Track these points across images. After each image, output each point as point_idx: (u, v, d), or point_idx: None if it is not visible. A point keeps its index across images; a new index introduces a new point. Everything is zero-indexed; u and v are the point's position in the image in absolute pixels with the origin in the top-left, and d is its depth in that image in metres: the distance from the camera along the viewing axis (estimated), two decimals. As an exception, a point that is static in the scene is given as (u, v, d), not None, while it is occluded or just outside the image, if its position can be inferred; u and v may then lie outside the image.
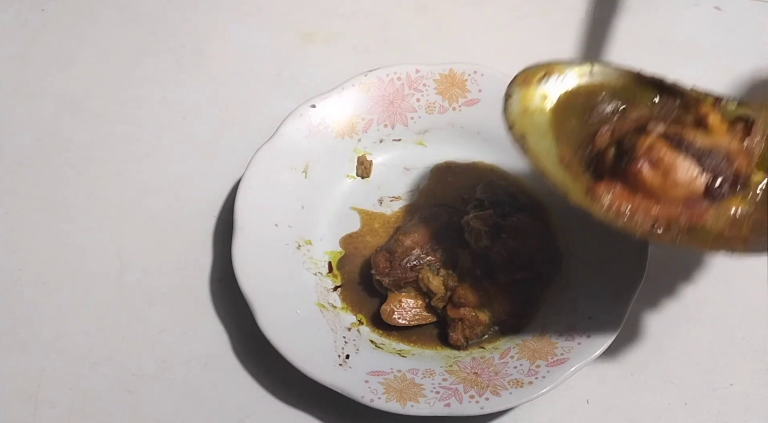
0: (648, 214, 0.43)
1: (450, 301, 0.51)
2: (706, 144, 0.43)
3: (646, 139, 0.43)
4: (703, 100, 0.47)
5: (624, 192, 0.43)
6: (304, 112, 0.57)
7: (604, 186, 0.44)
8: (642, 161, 0.43)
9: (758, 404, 0.51)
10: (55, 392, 0.52)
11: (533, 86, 0.49)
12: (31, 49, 0.67)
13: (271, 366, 0.51)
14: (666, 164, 0.42)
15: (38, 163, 0.61)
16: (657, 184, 0.42)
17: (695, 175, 0.42)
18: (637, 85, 0.49)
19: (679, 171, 0.42)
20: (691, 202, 0.42)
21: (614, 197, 0.43)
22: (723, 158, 0.43)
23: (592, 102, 0.48)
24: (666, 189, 0.42)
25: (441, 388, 0.48)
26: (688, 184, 0.42)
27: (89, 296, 0.56)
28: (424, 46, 0.67)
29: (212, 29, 0.68)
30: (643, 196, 0.43)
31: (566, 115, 0.49)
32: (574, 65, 0.50)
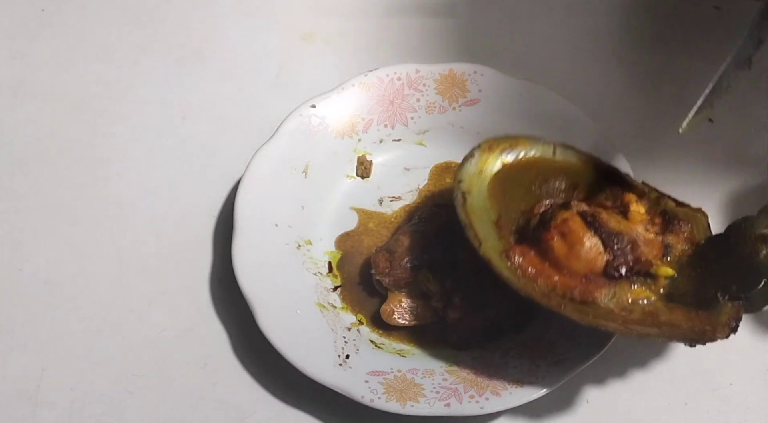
0: (548, 281, 0.46)
1: (450, 301, 0.51)
2: (616, 228, 0.46)
3: (564, 213, 0.47)
4: (641, 194, 0.50)
5: (534, 258, 0.46)
6: (304, 112, 0.57)
7: (521, 249, 0.47)
8: (554, 231, 0.46)
9: (758, 404, 0.51)
10: (55, 392, 0.52)
11: (495, 153, 0.52)
12: (31, 49, 0.67)
13: (271, 366, 0.51)
14: (573, 238, 0.46)
15: (38, 163, 0.61)
16: (562, 255, 0.46)
17: (598, 253, 0.45)
18: (596, 172, 0.52)
19: (584, 246, 0.45)
20: (589, 278, 0.45)
21: (525, 260, 0.46)
22: (628, 243, 0.46)
23: (545, 176, 0.52)
24: (569, 261, 0.46)
25: (441, 388, 0.49)
26: (589, 260, 0.45)
27: (89, 296, 0.56)
28: (425, 46, 0.67)
29: (212, 29, 0.68)
30: (549, 264, 0.46)
31: (516, 182, 0.52)
32: (538, 144, 0.53)
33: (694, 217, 0.49)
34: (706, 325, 0.44)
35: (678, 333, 0.44)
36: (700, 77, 0.65)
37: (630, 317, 0.45)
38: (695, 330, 0.44)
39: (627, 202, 0.49)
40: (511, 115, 0.58)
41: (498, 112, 0.59)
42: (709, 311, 0.44)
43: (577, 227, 0.46)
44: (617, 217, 0.48)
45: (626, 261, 0.46)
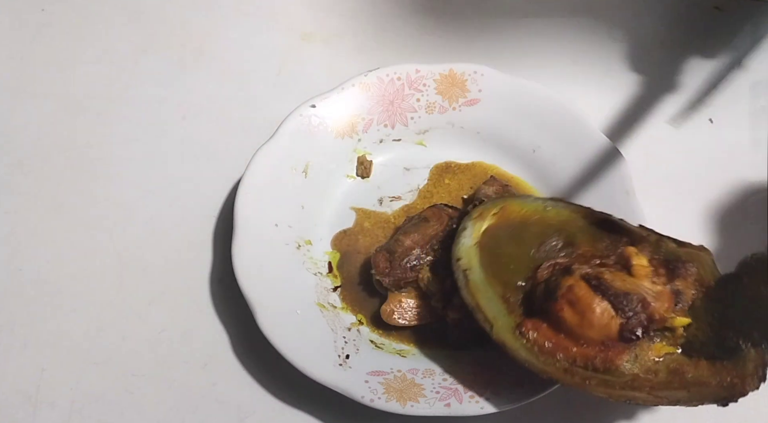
0: (567, 353, 0.44)
1: (450, 301, 0.51)
2: (623, 287, 0.44)
3: (569, 280, 0.45)
4: (642, 241, 0.48)
5: (548, 330, 0.45)
6: (304, 112, 0.57)
7: (532, 323, 0.45)
8: (562, 301, 0.44)
9: (758, 404, 0.51)
10: (55, 392, 0.52)
11: (487, 221, 0.50)
12: (31, 49, 0.67)
13: (271, 366, 0.51)
14: (582, 305, 0.44)
15: (38, 163, 0.61)
16: (575, 325, 0.44)
17: (610, 317, 0.43)
18: (589, 222, 0.50)
19: (595, 313, 0.43)
20: (608, 344, 0.44)
21: (539, 335, 0.45)
22: (638, 302, 0.44)
23: (540, 237, 0.49)
24: (583, 330, 0.44)
25: (441, 388, 0.49)
26: (603, 326, 0.43)
27: (89, 296, 0.56)
28: (424, 46, 0.67)
29: (212, 29, 0.68)
30: (565, 335, 0.44)
31: (512, 245, 0.50)
32: (528, 203, 0.51)
33: (698, 257, 0.46)
34: (733, 377, 0.42)
35: (707, 392, 0.42)
36: (700, 77, 0.65)
37: (656, 381, 0.43)
38: (724, 385, 0.42)
39: (628, 257, 0.46)
40: (511, 115, 0.58)
41: (498, 112, 0.59)
42: (734, 360, 0.43)
43: (584, 293, 0.44)
44: (621, 274, 0.45)
45: (640, 321, 0.44)
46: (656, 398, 0.43)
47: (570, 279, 0.45)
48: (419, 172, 0.59)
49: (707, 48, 0.66)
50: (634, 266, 0.46)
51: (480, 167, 0.59)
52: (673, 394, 0.43)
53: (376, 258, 0.53)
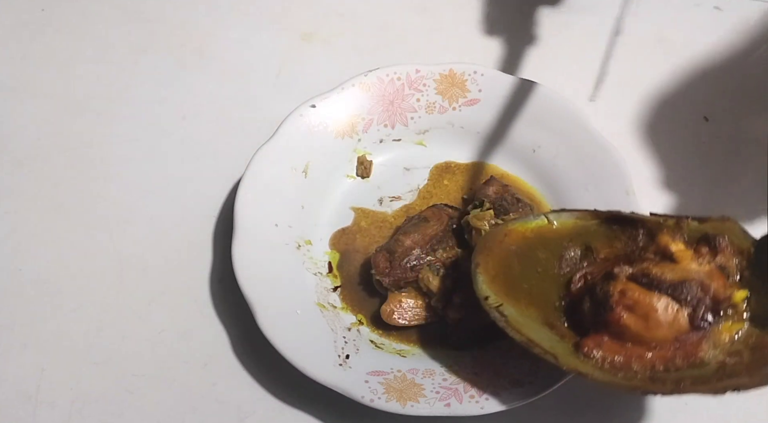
0: (643, 361, 0.41)
1: (450, 301, 0.51)
2: (676, 277, 0.42)
3: (617, 285, 0.43)
4: (662, 228, 0.45)
5: (612, 343, 0.42)
6: (304, 112, 0.57)
7: (592, 340, 0.43)
8: (619, 309, 0.42)
9: (758, 404, 0.51)
10: (55, 392, 0.52)
11: (496, 251, 0.48)
12: (31, 49, 0.67)
13: (271, 366, 0.51)
14: (643, 307, 0.41)
15: (38, 163, 0.61)
16: (641, 329, 0.41)
17: (675, 310, 0.41)
18: (599, 223, 0.48)
19: (659, 311, 0.41)
20: (682, 339, 0.41)
21: (605, 350, 0.42)
22: (697, 287, 0.41)
23: (557, 251, 0.47)
24: (651, 331, 0.41)
25: (441, 388, 0.48)
26: (671, 322, 0.41)
27: (89, 296, 0.56)
28: (424, 46, 0.67)
29: (212, 29, 0.68)
30: (632, 343, 0.42)
31: (530, 268, 0.47)
32: (531, 222, 0.49)
33: (725, 227, 0.44)
34: None
35: None
36: (700, 76, 0.65)
37: (746, 361, 0.41)
38: None
39: (665, 245, 0.44)
40: (511, 115, 0.58)
41: (498, 112, 0.59)
42: None
43: (639, 295, 0.42)
44: (666, 265, 0.43)
45: (707, 306, 0.42)
46: (762, 379, 0.39)
47: (618, 284, 0.43)
48: (419, 172, 0.59)
49: (707, 48, 0.66)
50: (675, 253, 0.43)
51: (480, 167, 0.59)
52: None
53: (376, 258, 0.53)
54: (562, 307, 0.46)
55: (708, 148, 0.61)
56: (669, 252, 0.44)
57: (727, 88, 0.64)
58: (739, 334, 0.42)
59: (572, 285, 0.46)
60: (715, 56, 0.66)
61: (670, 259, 0.43)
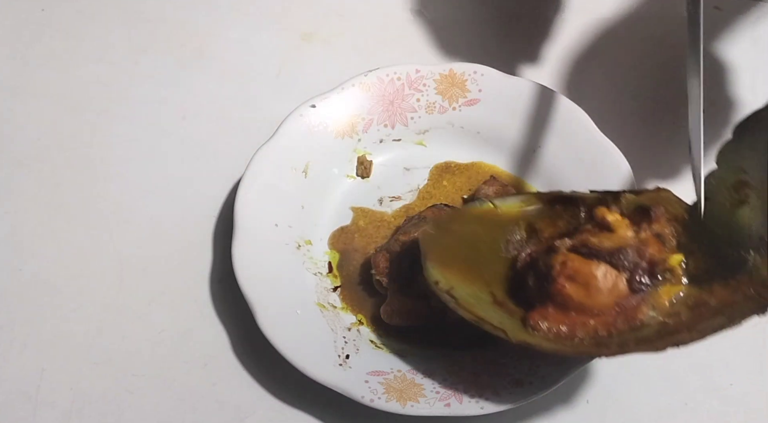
0: (587, 328, 0.43)
1: (450, 301, 0.51)
2: (614, 244, 0.44)
3: (558, 257, 0.44)
4: (600, 203, 0.47)
5: (557, 313, 0.44)
6: (304, 112, 0.57)
7: (538, 313, 0.44)
8: (560, 279, 0.43)
9: (758, 404, 0.51)
10: (55, 392, 0.52)
11: (445, 239, 0.49)
12: (31, 49, 0.67)
13: (271, 366, 0.51)
14: (583, 276, 0.43)
15: (38, 163, 0.61)
16: (583, 297, 0.43)
17: (614, 276, 0.43)
18: (543, 205, 0.49)
19: (598, 278, 0.43)
20: (622, 304, 0.43)
21: (550, 321, 0.44)
22: (633, 252, 0.43)
23: (503, 235, 0.49)
24: (593, 299, 0.43)
25: (441, 388, 0.49)
26: (610, 287, 0.43)
27: (89, 296, 0.56)
28: (424, 46, 0.67)
29: (212, 29, 0.68)
30: (576, 312, 0.43)
31: (479, 251, 0.49)
32: (476, 208, 0.51)
33: (660, 198, 0.46)
34: (753, 286, 0.41)
35: (741, 309, 0.41)
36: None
37: (686, 319, 0.42)
38: (750, 297, 0.41)
39: (602, 217, 0.46)
40: (511, 115, 0.58)
41: (498, 112, 0.59)
42: (744, 272, 0.42)
43: (579, 264, 0.43)
44: (605, 234, 0.45)
45: (644, 270, 0.43)
46: (700, 333, 0.41)
47: (559, 256, 0.44)
48: (419, 172, 0.59)
49: (707, 48, 0.66)
50: (611, 223, 0.45)
51: (480, 167, 0.59)
52: (711, 323, 0.42)
53: (376, 258, 0.53)
54: (507, 287, 0.48)
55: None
56: (606, 222, 0.45)
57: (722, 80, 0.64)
58: (677, 296, 0.44)
59: (518, 264, 0.47)
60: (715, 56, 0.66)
61: (608, 229, 0.45)
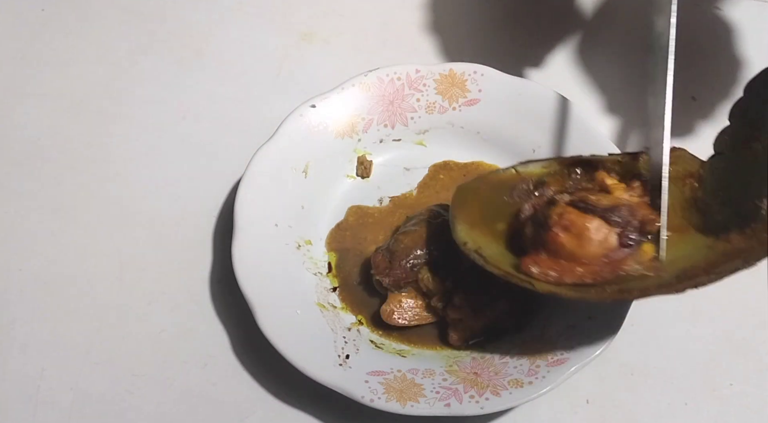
0: (574, 274, 0.46)
1: (450, 301, 0.51)
2: (609, 203, 0.47)
3: (556, 209, 0.47)
4: (607, 166, 0.51)
5: (548, 260, 0.47)
6: (304, 112, 0.57)
7: (530, 258, 0.47)
8: (556, 228, 0.46)
9: (758, 404, 0.51)
10: (55, 392, 0.52)
11: (471, 202, 0.52)
12: (31, 49, 0.67)
13: (271, 366, 0.51)
14: (578, 227, 0.46)
15: (38, 163, 0.61)
16: (575, 247, 0.46)
17: (606, 231, 0.46)
18: (562, 168, 0.52)
19: (591, 230, 0.46)
20: (610, 256, 0.46)
21: (541, 266, 0.46)
22: (627, 210, 0.46)
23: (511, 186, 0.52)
24: (584, 249, 0.46)
25: (441, 388, 0.49)
26: (601, 240, 0.46)
27: (89, 296, 0.56)
28: (425, 46, 0.67)
29: (212, 29, 0.68)
30: (566, 259, 0.46)
31: (502, 212, 0.51)
32: (499, 174, 0.53)
33: (677, 156, 0.49)
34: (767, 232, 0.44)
35: (756, 253, 0.44)
36: (700, 76, 0.65)
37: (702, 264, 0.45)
38: (765, 241, 0.44)
39: (602, 179, 0.50)
40: (511, 115, 0.58)
41: (498, 112, 0.59)
42: (759, 220, 0.45)
43: (575, 217, 0.46)
44: (602, 194, 0.48)
45: (634, 226, 0.46)
46: (717, 275, 0.44)
47: (558, 208, 0.47)
48: (419, 172, 0.59)
49: (707, 48, 0.66)
50: (609, 185, 0.49)
51: (479, 167, 0.59)
52: (729, 266, 0.44)
53: (376, 258, 0.53)
54: (511, 238, 0.50)
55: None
56: (605, 185, 0.49)
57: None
58: (691, 245, 0.47)
59: (521, 214, 0.50)
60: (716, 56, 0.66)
61: (606, 191, 0.49)
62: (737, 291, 0.55)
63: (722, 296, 0.55)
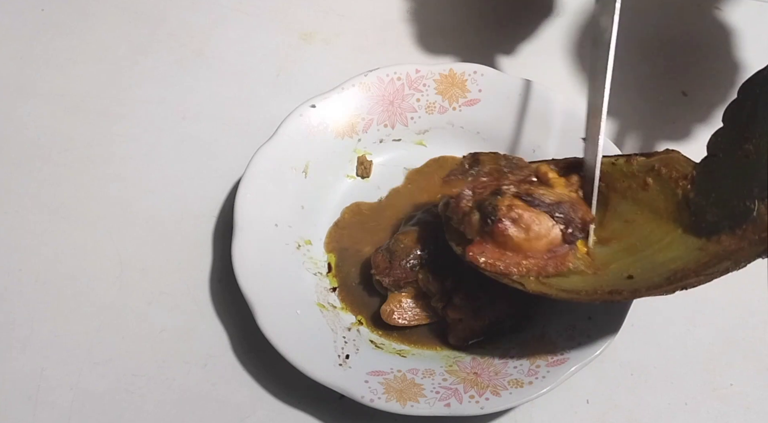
0: (519, 267, 0.47)
1: (450, 301, 0.51)
2: (553, 198, 0.48)
3: (504, 200, 0.48)
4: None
5: (494, 251, 0.48)
6: (304, 112, 0.57)
7: (477, 248, 0.48)
8: (505, 220, 0.47)
9: (758, 404, 0.51)
10: (55, 392, 0.52)
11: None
12: (31, 49, 0.67)
13: (271, 366, 0.51)
14: (525, 221, 0.47)
15: (38, 163, 0.61)
16: (522, 239, 0.47)
17: (551, 226, 0.47)
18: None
19: (539, 225, 0.47)
20: (554, 251, 0.48)
21: (487, 256, 0.48)
22: (569, 208, 0.48)
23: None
24: (531, 242, 0.47)
25: (441, 388, 0.49)
26: (546, 234, 0.47)
27: (89, 296, 0.56)
28: (424, 46, 0.67)
29: (212, 29, 0.68)
30: (512, 251, 0.48)
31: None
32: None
33: (669, 159, 0.49)
34: (757, 232, 0.44)
35: (746, 254, 0.44)
36: (700, 76, 0.65)
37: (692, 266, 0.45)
38: (755, 241, 0.44)
39: (544, 173, 0.51)
40: (511, 115, 0.58)
41: (498, 112, 0.59)
42: (749, 221, 0.45)
43: (522, 211, 0.47)
44: (544, 188, 0.50)
45: (576, 224, 0.48)
46: (708, 276, 0.44)
47: (506, 199, 0.48)
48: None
49: (707, 48, 0.66)
50: (550, 179, 0.51)
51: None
52: (719, 267, 0.44)
53: (376, 258, 0.53)
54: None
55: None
56: (546, 178, 0.51)
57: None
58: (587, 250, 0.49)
59: (461, 198, 0.50)
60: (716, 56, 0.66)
61: (546, 184, 0.50)
62: (737, 291, 0.55)
63: (722, 296, 0.55)
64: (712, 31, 0.68)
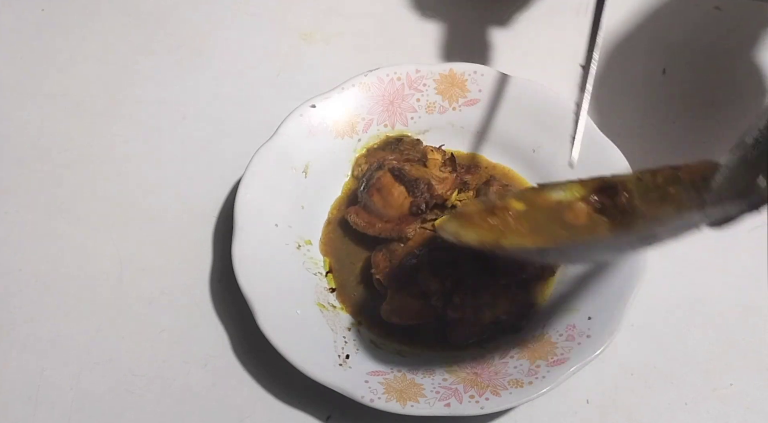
0: (375, 228, 0.54)
1: (450, 301, 0.51)
2: (416, 175, 0.54)
3: (380, 173, 0.55)
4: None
5: (363, 213, 0.55)
6: (304, 112, 0.57)
7: (353, 208, 0.56)
8: (372, 189, 0.54)
9: (758, 404, 0.51)
10: (55, 392, 0.52)
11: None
12: (31, 49, 0.67)
13: (271, 366, 0.51)
14: (386, 191, 0.54)
15: (38, 163, 0.61)
16: (381, 206, 0.54)
17: (404, 198, 0.54)
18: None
19: (393, 195, 0.54)
20: (402, 219, 0.54)
21: (357, 217, 0.55)
22: (424, 185, 0.54)
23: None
24: (386, 209, 0.54)
25: (441, 388, 0.49)
26: (399, 205, 0.54)
27: (89, 296, 0.56)
28: (424, 46, 0.67)
29: (212, 29, 0.68)
30: (374, 215, 0.55)
31: None
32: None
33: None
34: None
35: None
36: (699, 76, 0.65)
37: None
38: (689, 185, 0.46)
39: (425, 152, 0.57)
40: (511, 115, 0.58)
41: (498, 112, 0.59)
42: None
43: (387, 181, 0.54)
44: (418, 166, 0.55)
45: (425, 199, 0.54)
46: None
47: (380, 172, 0.55)
48: (419, 172, 0.59)
49: (707, 48, 0.66)
50: (429, 160, 0.56)
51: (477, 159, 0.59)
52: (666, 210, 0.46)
53: (376, 258, 0.53)
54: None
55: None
56: (425, 158, 0.56)
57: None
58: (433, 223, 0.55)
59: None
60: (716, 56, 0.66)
61: (424, 164, 0.56)
62: (737, 291, 0.55)
63: (722, 296, 0.55)
64: (713, 31, 0.67)
